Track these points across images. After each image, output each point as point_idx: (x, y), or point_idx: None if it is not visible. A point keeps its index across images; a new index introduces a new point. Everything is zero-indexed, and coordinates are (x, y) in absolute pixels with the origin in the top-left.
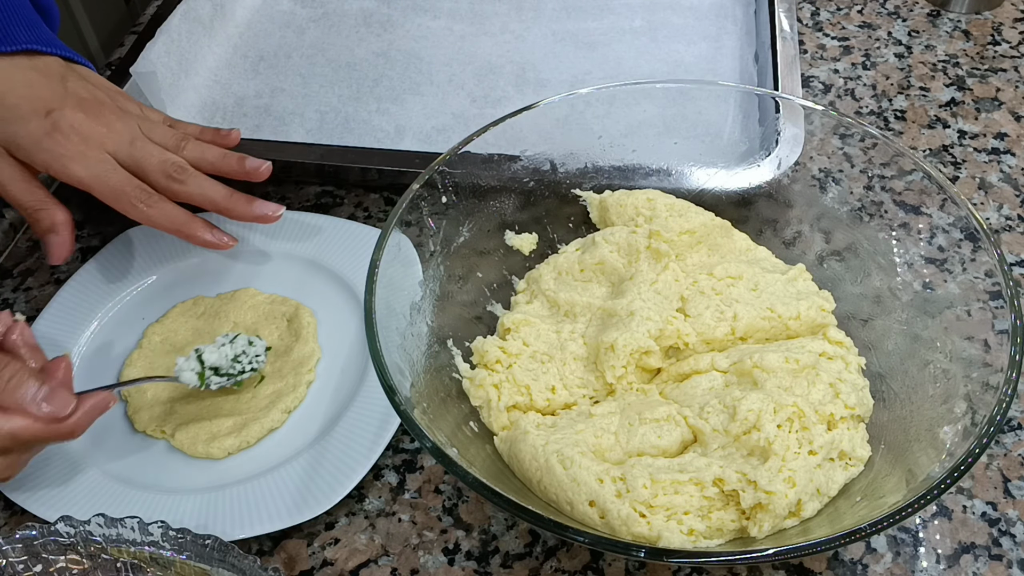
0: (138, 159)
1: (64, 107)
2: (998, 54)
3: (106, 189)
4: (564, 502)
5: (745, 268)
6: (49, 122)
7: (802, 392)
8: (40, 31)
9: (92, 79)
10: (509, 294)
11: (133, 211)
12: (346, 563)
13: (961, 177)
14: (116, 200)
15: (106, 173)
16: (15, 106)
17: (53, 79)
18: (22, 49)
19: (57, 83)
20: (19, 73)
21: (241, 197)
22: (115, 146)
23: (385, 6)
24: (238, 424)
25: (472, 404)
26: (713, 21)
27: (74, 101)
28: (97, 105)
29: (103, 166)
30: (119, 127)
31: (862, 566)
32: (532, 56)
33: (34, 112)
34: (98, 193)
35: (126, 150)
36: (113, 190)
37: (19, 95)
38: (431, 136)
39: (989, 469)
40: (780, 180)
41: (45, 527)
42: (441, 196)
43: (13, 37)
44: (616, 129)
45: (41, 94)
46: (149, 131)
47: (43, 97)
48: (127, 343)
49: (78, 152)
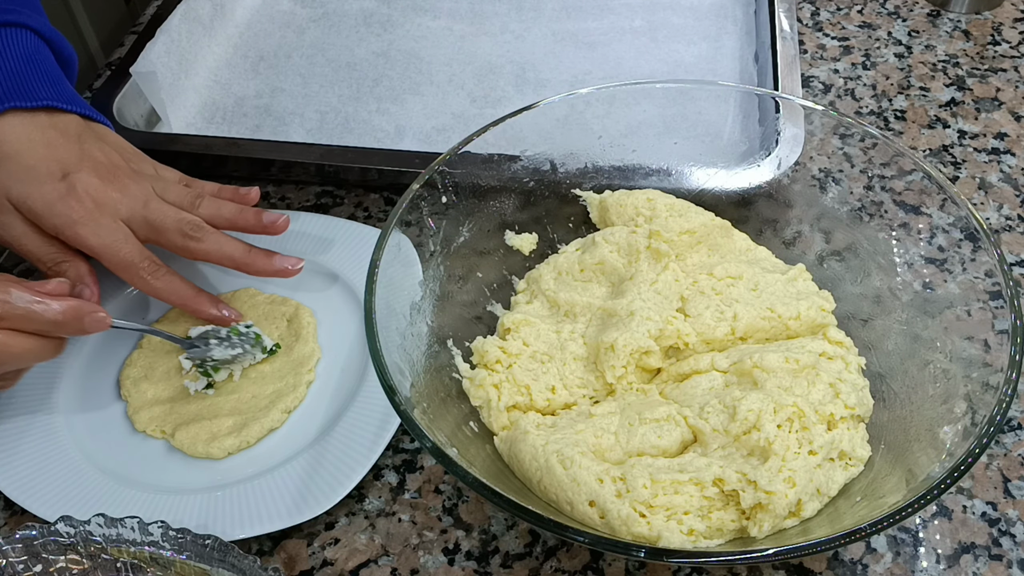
0: (153, 221)
1: (80, 170)
2: (998, 54)
3: (116, 259)
4: (564, 502)
5: (745, 268)
6: (64, 185)
7: (802, 392)
8: (62, 88)
9: (109, 139)
10: (509, 294)
11: (141, 283)
12: (346, 563)
13: (961, 177)
14: (125, 271)
15: (116, 243)
16: (32, 167)
17: (71, 139)
18: (43, 106)
19: (75, 144)
20: (38, 132)
21: (260, 252)
22: (129, 211)
23: (385, 6)
24: (238, 424)
25: (472, 404)
26: (713, 21)
27: (90, 164)
28: (112, 169)
29: (114, 236)
30: (133, 190)
31: (862, 566)
32: (532, 56)
33: (50, 174)
34: (107, 262)
35: (140, 213)
36: (123, 261)
37: (38, 156)
38: (431, 136)
39: (989, 469)
40: (780, 180)
41: (45, 527)
42: (441, 196)
43: (35, 93)
44: (616, 129)
45: (58, 155)
46: (163, 192)
47: (60, 159)
48: (127, 343)
49: (91, 219)
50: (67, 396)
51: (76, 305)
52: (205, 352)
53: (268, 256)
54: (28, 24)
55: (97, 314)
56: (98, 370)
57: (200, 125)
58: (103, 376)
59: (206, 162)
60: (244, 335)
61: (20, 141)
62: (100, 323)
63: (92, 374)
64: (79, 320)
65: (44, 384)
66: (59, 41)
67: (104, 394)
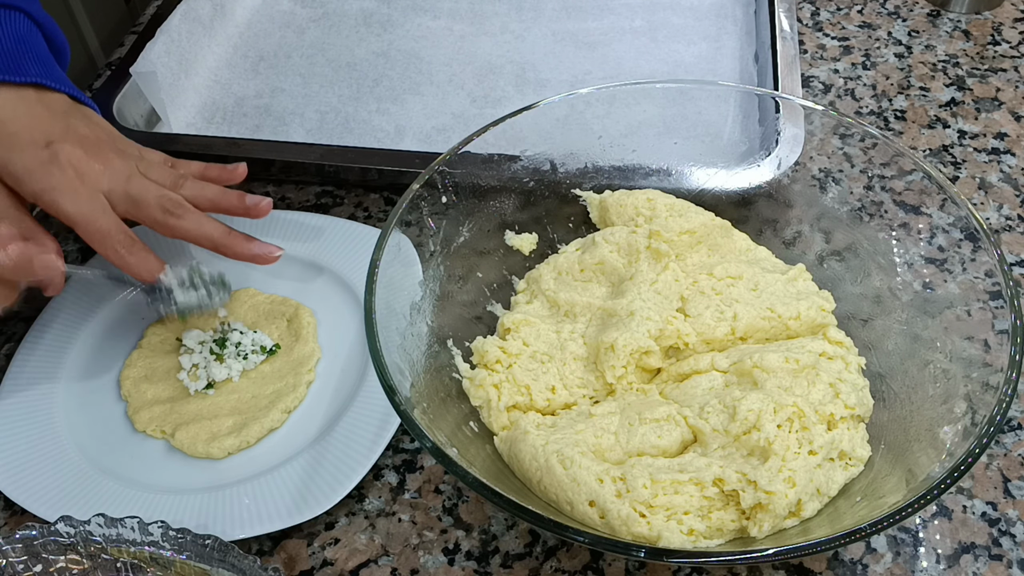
0: (134, 195)
1: (65, 141)
2: (998, 54)
3: (92, 229)
4: (564, 502)
5: (745, 268)
6: (47, 153)
7: (802, 392)
8: (51, 68)
9: (95, 119)
10: (509, 294)
11: (114, 256)
12: (346, 563)
13: (961, 177)
14: (100, 242)
15: (94, 213)
16: (14, 134)
17: (57, 114)
18: (31, 82)
19: (60, 118)
20: (23, 104)
21: (239, 235)
22: (111, 184)
23: (385, 6)
24: (238, 424)
25: (472, 404)
26: (713, 21)
27: (75, 137)
28: (97, 143)
29: (93, 205)
30: (117, 165)
31: (862, 566)
32: (532, 56)
33: (33, 142)
34: (83, 231)
35: (122, 187)
36: (99, 231)
37: (21, 124)
38: (431, 136)
39: (989, 469)
40: (780, 180)
41: (45, 527)
42: (441, 196)
43: (24, 70)
44: (616, 129)
45: (43, 126)
46: (147, 170)
47: (44, 129)
48: (127, 343)
49: (70, 187)
50: (67, 396)
51: (25, 247)
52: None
53: (247, 240)
54: (22, 7)
55: (46, 255)
56: (98, 370)
57: (200, 125)
58: (103, 376)
59: (206, 162)
60: (208, 277)
61: (5, 111)
62: (50, 266)
63: (92, 374)
64: (29, 262)
65: (44, 384)
66: (52, 27)
67: (104, 394)
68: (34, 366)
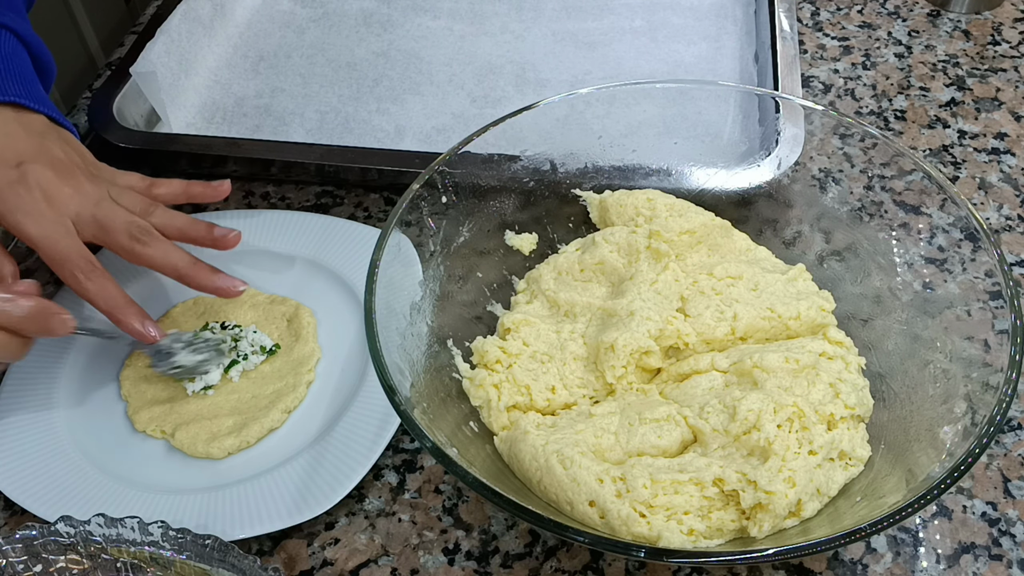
0: (102, 220)
1: (36, 162)
2: (998, 54)
3: (53, 252)
4: (564, 502)
5: (745, 268)
6: (16, 173)
7: (802, 392)
8: (33, 88)
9: (72, 143)
10: (509, 294)
11: (72, 281)
12: (346, 563)
13: (961, 177)
14: (60, 265)
15: (57, 236)
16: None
17: (33, 135)
18: (10, 101)
19: (36, 138)
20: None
21: (204, 267)
22: (79, 208)
23: (385, 6)
24: (238, 424)
25: (472, 404)
26: (713, 21)
27: (47, 159)
28: (70, 166)
29: (56, 228)
30: (88, 189)
31: (862, 566)
32: (532, 56)
33: (4, 161)
34: (43, 254)
35: (90, 211)
36: (59, 254)
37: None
38: (431, 136)
39: (989, 469)
40: (780, 180)
41: (45, 527)
42: (441, 196)
43: (4, 89)
44: (616, 129)
45: (16, 145)
46: (118, 196)
47: (17, 149)
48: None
49: (36, 209)
50: (67, 396)
51: (44, 305)
52: (169, 360)
53: (212, 272)
54: (8, 26)
55: (62, 315)
56: (98, 370)
57: (200, 125)
58: (103, 376)
59: (206, 162)
60: (209, 341)
61: None
62: (63, 325)
63: (92, 374)
64: (46, 320)
65: (44, 384)
66: (39, 47)
67: (104, 394)
68: (34, 366)
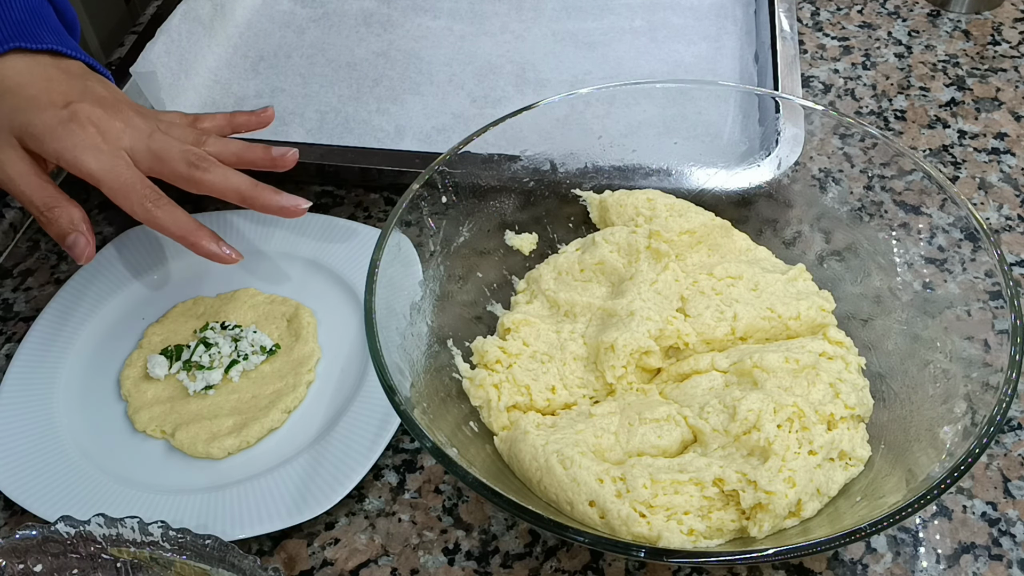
0: (157, 151)
1: (83, 100)
2: (998, 54)
3: (116, 184)
4: (564, 502)
5: (745, 268)
6: (67, 112)
7: (802, 392)
8: (65, 38)
9: (109, 84)
10: (509, 294)
11: (141, 210)
12: (346, 563)
13: (961, 177)
14: (125, 197)
15: (117, 168)
16: (33, 97)
17: (74, 77)
18: (46, 48)
19: (78, 80)
20: (40, 69)
21: (267, 187)
22: (132, 141)
23: (385, 6)
24: (238, 424)
25: (472, 404)
26: (713, 21)
27: (93, 97)
28: (116, 103)
29: (116, 161)
30: (137, 122)
31: (862, 566)
32: (532, 56)
33: (52, 103)
34: (107, 188)
35: (144, 143)
36: (124, 185)
37: (38, 87)
38: (431, 136)
39: (989, 469)
40: (780, 180)
41: (45, 527)
42: (441, 196)
43: (39, 37)
44: (616, 129)
45: (61, 88)
46: (167, 129)
47: (62, 91)
48: (127, 343)
49: (92, 144)
50: (67, 396)
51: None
52: None
53: (275, 192)
54: None
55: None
56: (98, 370)
57: None
58: (103, 376)
59: None
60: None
61: (22, 75)
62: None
63: (92, 374)
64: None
65: (44, 384)
66: (63, 3)
67: (104, 394)
68: (34, 366)
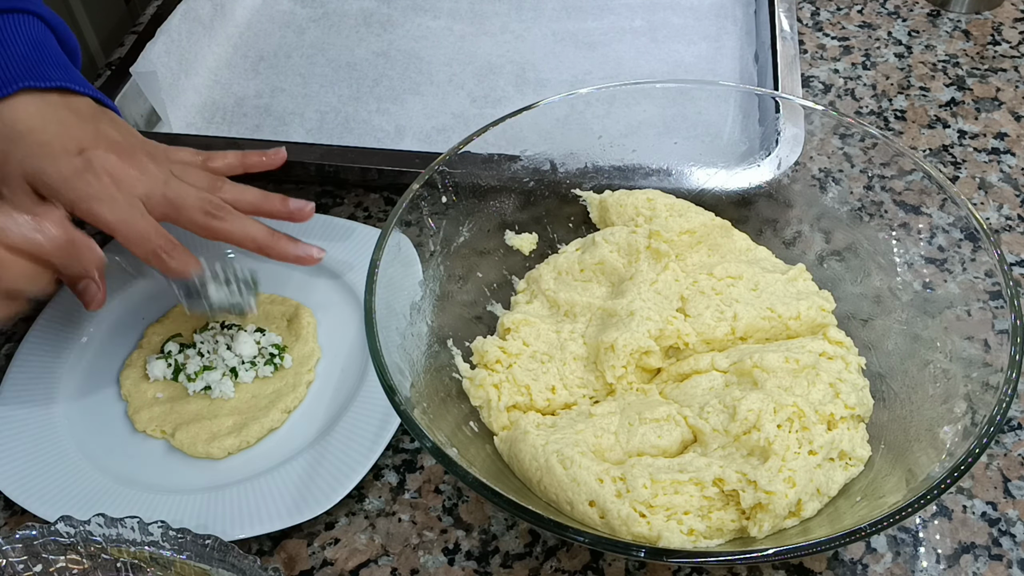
0: (173, 199)
1: (97, 147)
2: (998, 54)
3: (132, 233)
4: (564, 502)
5: (745, 268)
6: (81, 161)
7: (802, 392)
8: (71, 72)
9: (121, 124)
10: (509, 294)
11: (156, 260)
12: (346, 563)
13: (961, 177)
14: (140, 246)
15: (132, 219)
16: (46, 143)
17: (85, 119)
18: (55, 86)
19: (90, 123)
20: (51, 111)
21: (284, 237)
22: (148, 188)
23: (385, 6)
24: (238, 424)
25: (472, 404)
26: (713, 21)
27: (106, 143)
28: (130, 148)
29: (131, 211)
30: (152, 169)
31: (862, 566)
32: (532, 56)
33: (65, 150)
34: (122, 237)
35: (160, 190)
36: (139, 235)
37: (52, 133)
38: (431, 136)
39: (989, 469)
40: (780, 180)
41: (45, 527)
42: (441, 196)
43: (47, 75)
44: (616, 129)
45: (74, 133)
46: (182, 174)
47: (75, 136)
48: (127, 343)
49: (107, 194)
50: (67, 396)
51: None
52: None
53: (292, 242)
54: (34, 11)
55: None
56: (98, 370)
57: (200, 125)
58: (103, 376)
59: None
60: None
61: (33, 119)
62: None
63: (92, 374)
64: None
65: (44, 384)
66: (64, 30)
67: (104, 394)
68: (34, 366)
